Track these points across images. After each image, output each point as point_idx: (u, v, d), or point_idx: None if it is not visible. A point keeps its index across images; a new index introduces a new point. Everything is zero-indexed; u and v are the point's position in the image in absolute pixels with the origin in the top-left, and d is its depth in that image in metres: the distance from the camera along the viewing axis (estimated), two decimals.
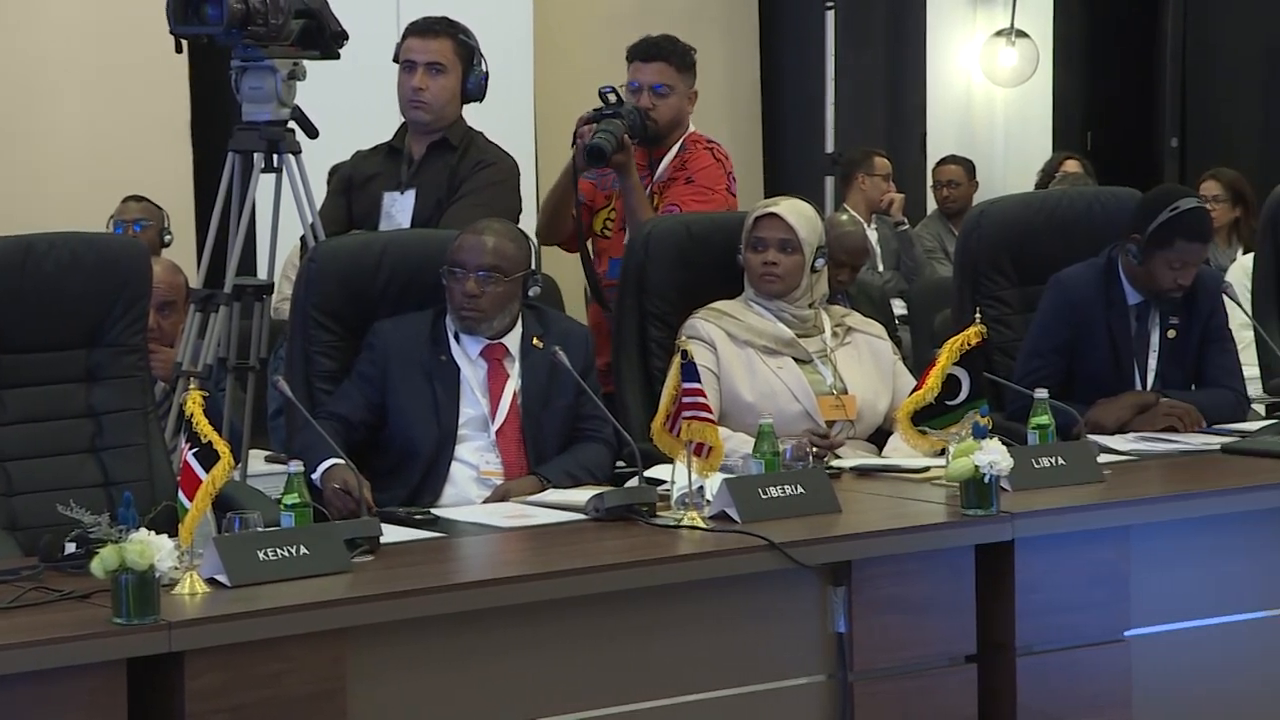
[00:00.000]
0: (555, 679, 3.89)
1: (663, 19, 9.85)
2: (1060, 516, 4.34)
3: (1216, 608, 4.55)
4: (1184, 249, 5.21)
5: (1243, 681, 4.57)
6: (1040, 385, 4.80)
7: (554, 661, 3.88)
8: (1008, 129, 10.44)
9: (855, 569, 4.11)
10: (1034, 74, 10.37)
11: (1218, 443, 4.98)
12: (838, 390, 5.13)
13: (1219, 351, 5.40)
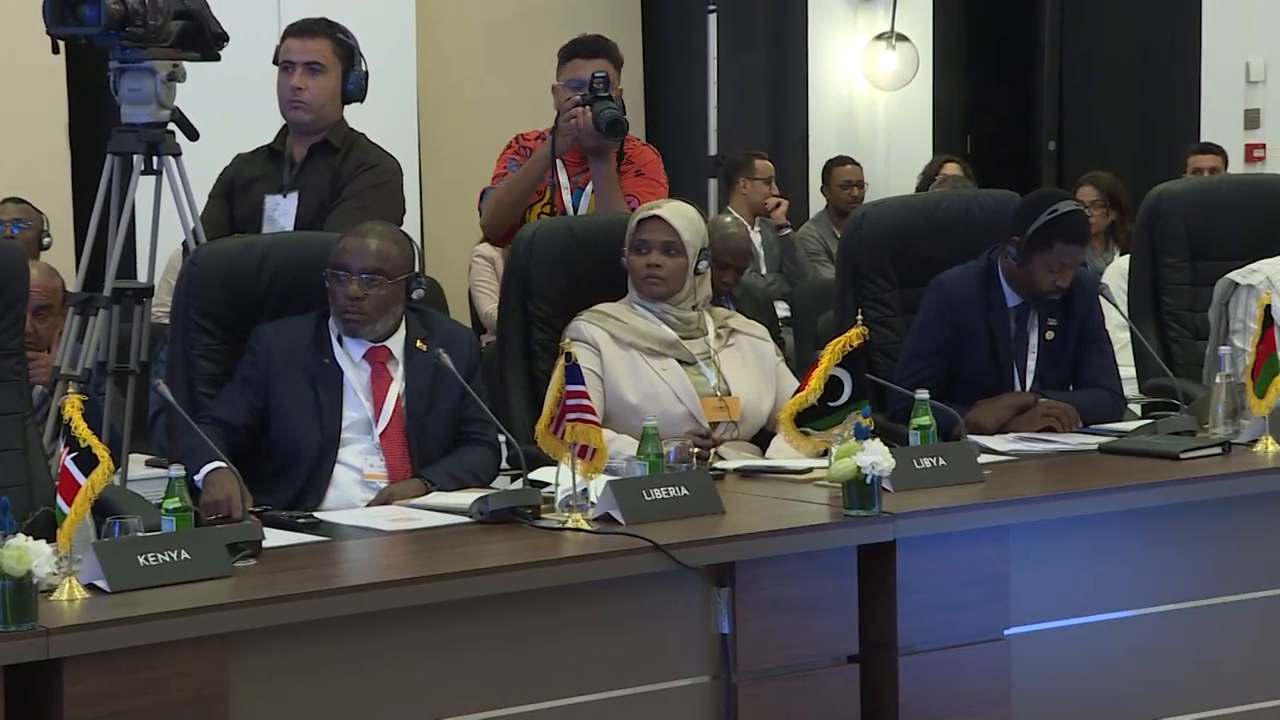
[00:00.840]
0: (439, 683, 3.88)
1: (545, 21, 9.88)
2: (941, 517, 4.37)
3: (1093, 606, 4.60)
4: (1062, 251, 5.27)
5: (1118, 678, 4.62)
6: (921, 386, 4.84)
7: (438, 665, 3.88)
8: (888, 132, 10.51)
9: (739, 570, 4.13)
10: (914, 77, 10.45)
11: (1095, 443, 5.03)
12: (721, 392, 5.15)
13: (1096, 352, 5.46)
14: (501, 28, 9.87)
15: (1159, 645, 4.67)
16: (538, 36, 9.89)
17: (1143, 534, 4.65)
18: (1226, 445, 4.87)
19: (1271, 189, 6.53)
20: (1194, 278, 6.26)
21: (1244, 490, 4.73)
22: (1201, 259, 6.26)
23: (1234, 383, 4.96)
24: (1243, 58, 10.52)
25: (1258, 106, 10.57)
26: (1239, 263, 5.93)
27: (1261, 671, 4.78)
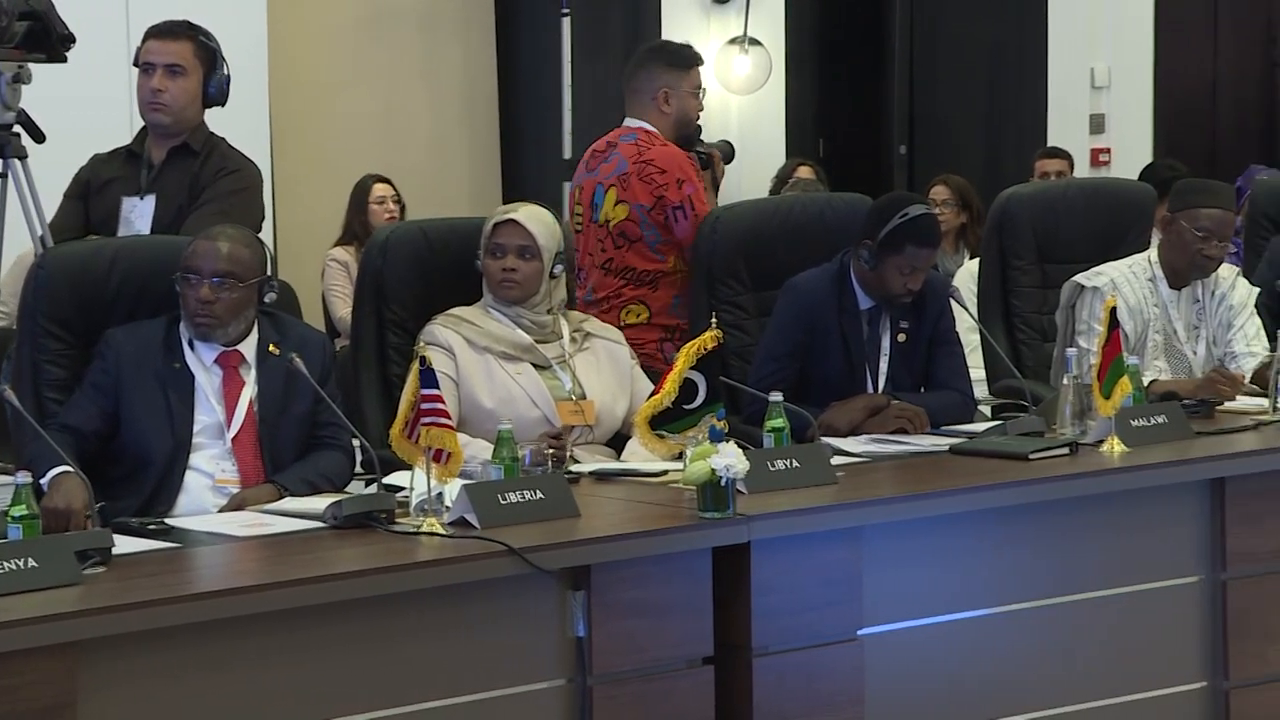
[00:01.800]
0: (293, 689, 3.85)
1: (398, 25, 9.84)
2: (795, 518, 4.40)
3: (945, 605, 4.64)
4: (914, 254, 5.32)
5: (970, 676, 4.67)
6: (775, 389, 4.87)
7: (291, 671, 3.85)
8: (742, 136, 10.54)
9: (594, 573, 4.13)
10: (767, 82, 10.50)
11: (946, 444, 5.08)
12: (576, 395, 5.15)
13: (947, 354, 5.52)
14: (354, 30, 9.82)
15: (1010, 643, 4.73)
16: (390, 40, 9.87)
17: (993, 534, 4.70)
18: (1074, 446, 4.93)
19: (1116, 192, 6.64)
20: (1042, 280, 6.34)
21: (1091, 490, 4.79)
22: (1049, 262, 6.35)
23: (1081, 384, 5.03)
24: (1088, 63, 10.67)
25: (1102, 111, 10.73)
26: (1085, 265, 6.01)
27: (1110, 668, 4.84)
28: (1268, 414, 5.29)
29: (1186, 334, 5.90)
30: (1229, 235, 5.86)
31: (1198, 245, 5.78)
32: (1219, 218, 5.79)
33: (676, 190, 5.94)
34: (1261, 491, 4.96)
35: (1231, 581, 4.95)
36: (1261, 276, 6.41)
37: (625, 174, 6.00)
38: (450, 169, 10.14)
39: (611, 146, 6.10)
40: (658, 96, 6.09)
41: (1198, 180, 6.22)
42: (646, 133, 6.07)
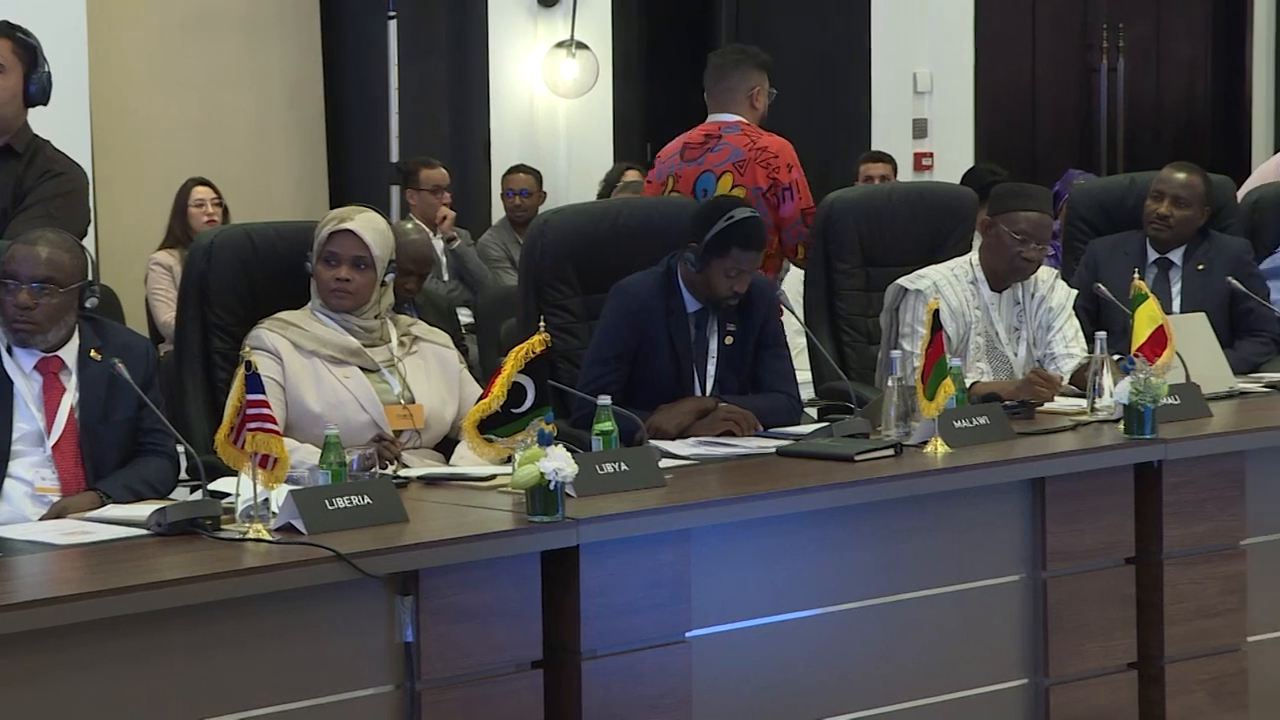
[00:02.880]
0: (116, 699, 3.80)
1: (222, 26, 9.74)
2: (623, 521, 4.40)
3: (773, 606, 4.67)
4: (740, 257, 5.36)
5: (799, 677, 4.70)
6: (604, 392, 4.88)
7: (113, 682, 3.79)
8: (570, 139, 10.57)
9: (423, 578, 4.11)
10: (594, 85, 10.53)
11: (773, 446, 5.11)
12: (405, 400, 5.13)
13: (774, 357, 5.56)
14: (176, 31, 9.71)
15: (838, 643, 4.77)
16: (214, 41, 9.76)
17: (820, 535, 4.74)
18: (898, 447, 4.99)
19: (938, 196, 6.72)
20: (866, 283, 6.41)
21: (915, 490, 4.85)
22: (873, 265, 6.41)
23: (905, 386, 5.09)
24: (910, 69, 10.80)
25: (925, 116, 10.86)
26: (909, 268, 6.08)
27: (935, 666, 4.90)
28: (1086, 414, 5.38)
29: (1008, 336, 5.98)
30: (1047, 238, 5.95)
31: (1016, 248, 5.86)
32: (1036, 221, 5.88)
33: (787, 173, 6.60)
34: (1080, 491, 5.05)
35: (1051, 579, 5.03)
36: (1080, 279, 6.53)
37: (741, 160, 6.58)
38: (275, 172, 10.05)
39: (712, 138, 6.68)
40: (751, 94, 6.74)
41: (1016, 184, 6.32)
42: (746, 124, 6.68)
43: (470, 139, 10.43)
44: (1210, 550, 5.25)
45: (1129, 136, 11.88)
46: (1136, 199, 6.84)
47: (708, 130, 6.73)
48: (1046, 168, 10.85)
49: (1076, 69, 11.84)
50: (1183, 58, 12.13)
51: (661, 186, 6.72)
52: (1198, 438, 5.26)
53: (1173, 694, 5.19)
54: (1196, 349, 5.70)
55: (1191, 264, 6.67)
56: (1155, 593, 5.18)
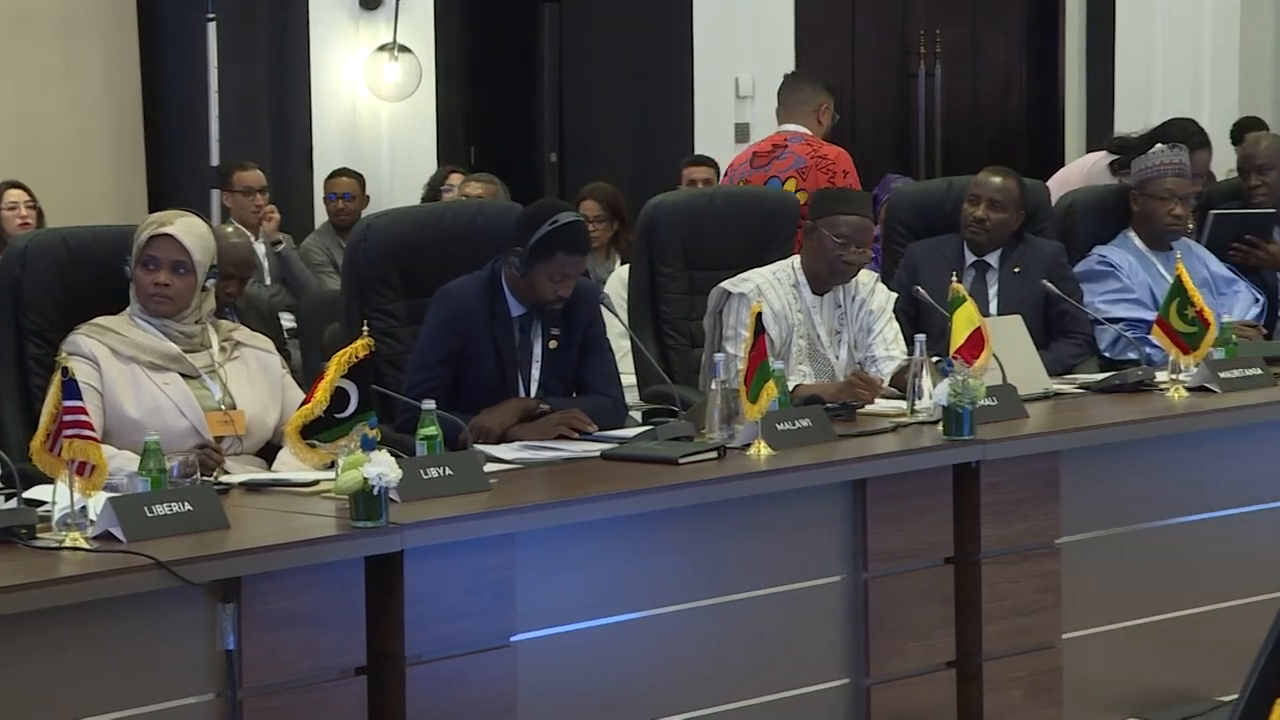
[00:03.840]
0: None
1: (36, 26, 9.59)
2: (448, 526, 4.40)
3: (599, 609, 4.69)
4: (564, 261, 5.36)
5: (626, 679, 4.72)
6: (428, 396, 4.86)
7: None
8: (393, 143, 10.52)
9: (245, 585, 4.08)
10: (418, 89, 10.49)
11: (597, 449, 5.12)
12: (226, 405, 5.08)
13: (598, 360, 5.57)
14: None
15: (664, 646, 4.79)
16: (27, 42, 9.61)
17: (644, 538, 4.76)
18: (722, 449, 5.01)
19: (761, 200, 6.78)
20: (690, 287, 6.44)
21: (738, 493, 4.88)
22: (697, 268, 6.45)
23: (728, 389, 5.12)
24: (732, 73, 10.86)
25: (747, 120, 10.93)
26: (731, 272, 6.12)
27: (759, 667, 4.94)
28: (906, 416, 5.45)
29: (829, 339, 6.04)
30: (867, 242, 6.02)
31: (837, 251, 5.92)
32: (857, 224, 5.94)
33: (843, 178, 7.53)
34: (900, 492, 5.11)
35: (872, 580, 5.09)
36: (899, 282, 6.61)
37: (804, 167, 7.57)
38: (91, 175, 9.91)
39: (779, 148, 7.68)
40: (818, 110, 7.80)
41: (836, 188, 6.39)
42: (810, 136, 7.71)
43: (292, 142, 10.36)
44: (1027, 549, 5.34)
45: (946, 141, 12.04)
46: (954, 203, 6.93)
47: (775, 140, 7.74)
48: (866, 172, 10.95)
49: (895, 74, 11.97)
50: (998, 64, 12.31)
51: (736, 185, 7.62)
52: (1014, 438, 5.34)
53: (990, 691, 5.27)
54: (1013, 351, 5.79)
55: (1008, 267, 6.77)
56: (973, 592, 5.25)
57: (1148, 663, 5.62)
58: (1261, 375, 5.98)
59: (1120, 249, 7.03)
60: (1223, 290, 7.08)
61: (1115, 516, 5.56)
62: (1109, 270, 6.98)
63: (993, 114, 12.34)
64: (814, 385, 5.86)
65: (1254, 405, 5.82)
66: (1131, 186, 7.08)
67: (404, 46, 10.44)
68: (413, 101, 10.50)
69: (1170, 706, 5.60)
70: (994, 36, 12.31)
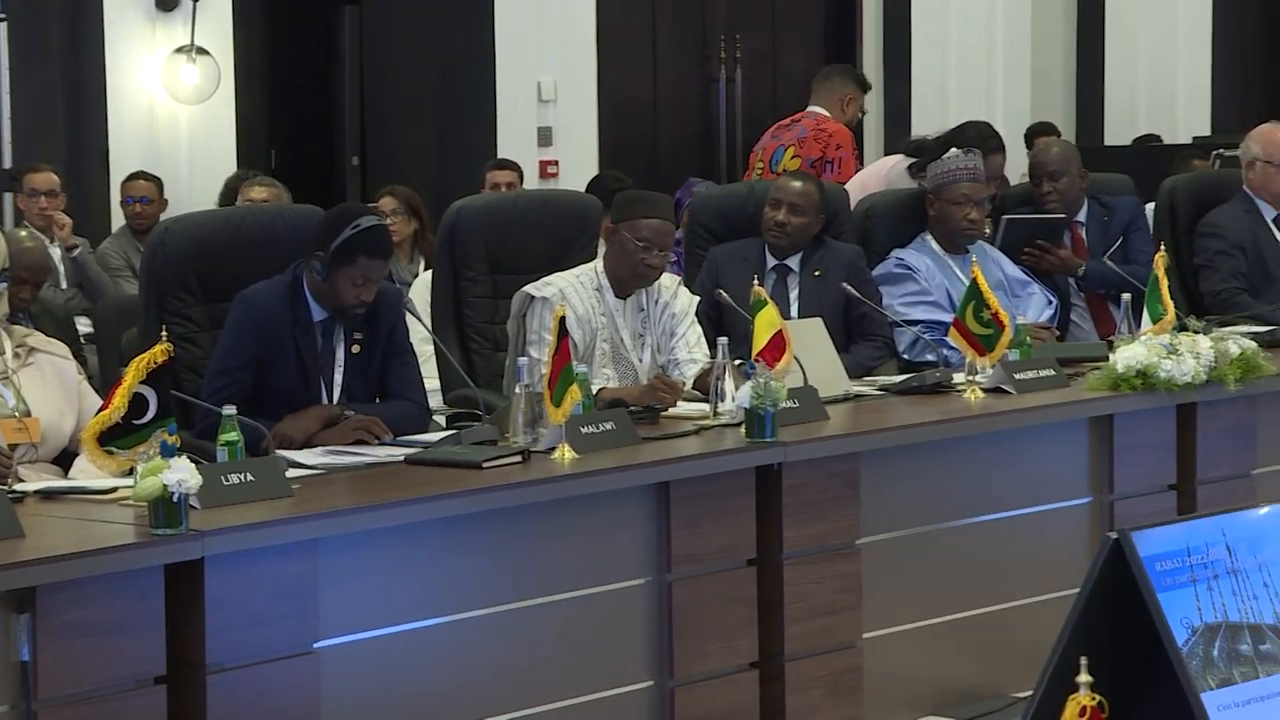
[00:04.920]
0: None
1: None
2: (249, 532, 4.35)
3: (404, 615, 4.66)
4: (366, 265, 5.33)
5: (432, 685, 4.70)
6: (229, 402, 4.81)
7: None
8: (191, 146, 10.39)
9: (40, 595, 4.01)
10: (216, 91, 10.37)
11: (401, 454, 5.10)
12: (20, 413, 5.00)
13: (400, 365, 5.55)
14: None
15: (467, 650, 4.78)
16: None
17: (449, 542, 4.75)
18: (526, 453, 5.02)
19: (564, 204, 6.79)
20: (493, 291, 6.43)
21: (543, 496, 4.88)
22: (500, 272, 6.45)
23: (532, 392, 5.12)
24: (535, 77, 10.87)
25: (550, 124, 10.94)
26: (535, 276, 6.13)
27: (564, 670, 4.94)
28: (708, 419, 5.48)
29: (632, 342, 6.07)
30: (669, 245, 6.05)
31: (639, 255, 5.95)
32: (659, 228, 5.97)
33: (834, 151, 8.41)
34: (703, 494, 5.14)
35: (676, 582, 5.11)
36: (701, 285, 6.65)
37: (804, 137, 8.49)
38: None
39: (795, 122, 8.67)
40: (844, 99, 8.66)
41: (638, 192, 6.41)
42: (824, 116, 8.59)
43: (88, 145, 10.18)
44: (828, 550, 5.40)
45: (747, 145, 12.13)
46: (755, 207, 6.99)
47: (795, 116, 8.76)
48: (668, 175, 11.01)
49: (696, 79, 12.05)
50: (798, 69, 12.43)
51: (755, 158, 8.72)
52: (815, 440, 5.40)
53: (792, 691, 5.32)
54: (813, 353, 5.85)
55: (808, 270, 6.84)
56: (776, 593, 5.30)
57: (946, 661, 5.70)
58: (1055, 376, 6.10)
59: (918, 252, 7.13)
60: (1017, 293, 7.21)
61: (914, 517, 5.65)
62: (907, 273, 7.08)
63: None
64: (617, 389, 5.88)
65: (1048, 406, 5.93)
66: (928, 190, 7.19)
67: (202, 49, 10.32)
68: (211, 104, 10.38)
69: (967, 703, 5.69)
70: (793, 42, 12.43)
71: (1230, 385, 6.06)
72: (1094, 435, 6.00)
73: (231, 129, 10.51)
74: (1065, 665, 3.27)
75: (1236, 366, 6.07)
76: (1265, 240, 7.62)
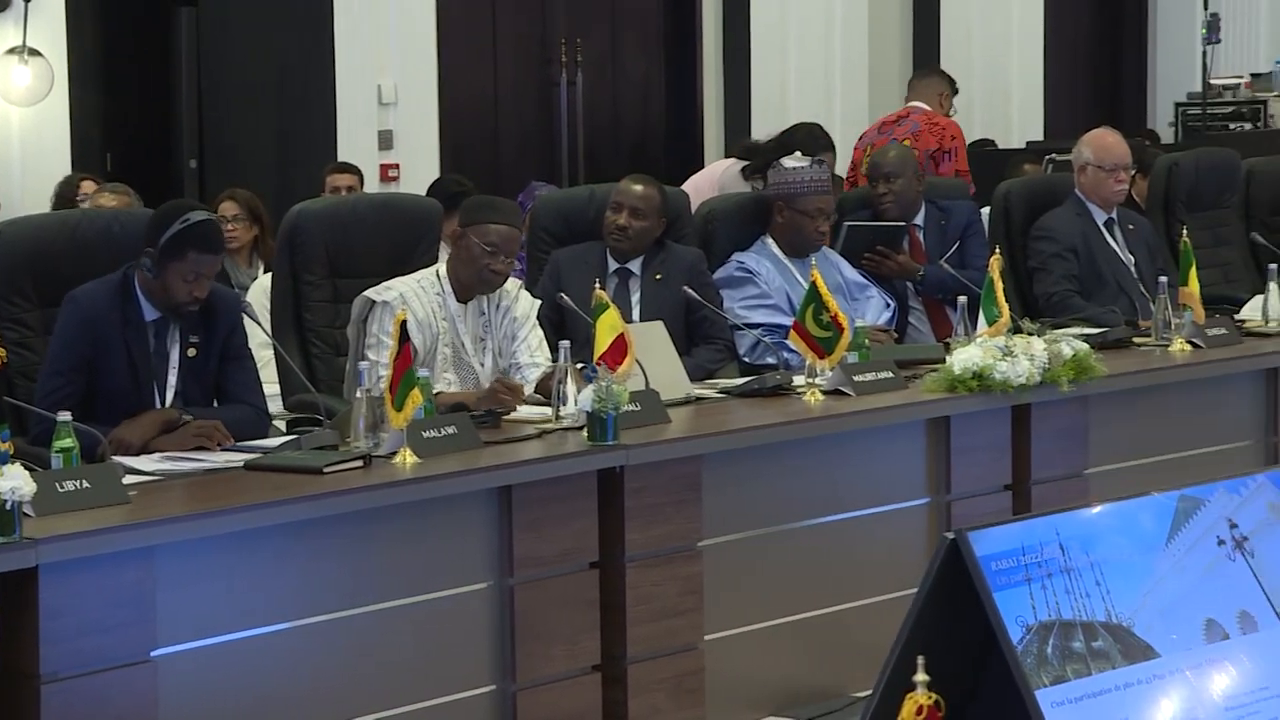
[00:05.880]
0: None
1: None
2: (85, 540, 4.30)
3: (243, 622, 4.63)
4: (196, 260, 5.27)
5: (270, 692, 4.67)
6: (62, 405, 4.75)
7: None
8: (24, 148, 10.23)
9: None
10: (50, 93, 10.22)
11: (241, 459, 5.06)
12: None
13: (238, 369, 5.50)
14: None
15: (311, 656, 4.75)
16: None
17: (290, 548, 4.72)
18: (367, 458, 5.00)
19: (404, 208, 6.76)
20: (334, 295, 6.39)
21: (385, 501, 4.86)
22: (341, 276, 6.41)
23: (373, 397, 5.10)
24: (375, 80, 10.81)
25: (390, 128, 10.89)
26: (376, 280, 6.10)
27: (407, 676, 4.93)
28: (551, 422, 5.49)
29: (474, 346, 6.05)
30: (515, 252, 6.05)
31: (485, 260, 5.94)
32: (506, 234, 5.96)
33: (950, 142, 9.35)
34: (545, 498, 5.15)
35: (518, 586, 5.11)
36: (543, 289, 6.65)
37: (919, 131, 9.31)
38: None
39: (903, 118, 9.44)
40: (940, 95, 9.70)
41: (486, 197, 6.40)
42: (930, 111, 9.53)
43: None
44: (670, 553, 5.42)
45: (589, 148, 12.15)
46: (597, 210, 7.00)
47: (901, 113, 9.57)
48: (510, 179, 11.00)
49: (537, 82, 12.04)
50: (638, 72, 12.47)
51: (861, 153, 9.21)
52: (657, 443, 5.42)
53: (635, 694, 5.34)
54: (655, 357, 5.87)
55: (650, 274, 6.86)
56: (618, 596, 5.32)
57: (787, 661, 5.75)
58: (894, 378, 6.16)
59: (758, 256, 7.18)
60: (856, 296, 7.28)
61: (755, 518, 5.68)
62: (747, 276, 7.12)
63: (633, 122, 12.49)
64: (459, 393, 5.86)
65: (886, 408, 5.99)
66: (775, 197, 7.23)
67: (34, 49, 10.16)
68: (45, 106, 10.22)
69: (809, 703, 5.73)
70: (633, 46, 12.47)
71: (1063, 386, 6.15)
72: (931, 436, 6.08)
73: (65, 131, 10.35)
74: (903, 665, 3.31)
75: (1069, 368, 6.16)
76: (1097, 243, 7.74)
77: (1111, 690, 3.49)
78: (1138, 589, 3.59)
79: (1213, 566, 3.72)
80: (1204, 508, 3.76)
